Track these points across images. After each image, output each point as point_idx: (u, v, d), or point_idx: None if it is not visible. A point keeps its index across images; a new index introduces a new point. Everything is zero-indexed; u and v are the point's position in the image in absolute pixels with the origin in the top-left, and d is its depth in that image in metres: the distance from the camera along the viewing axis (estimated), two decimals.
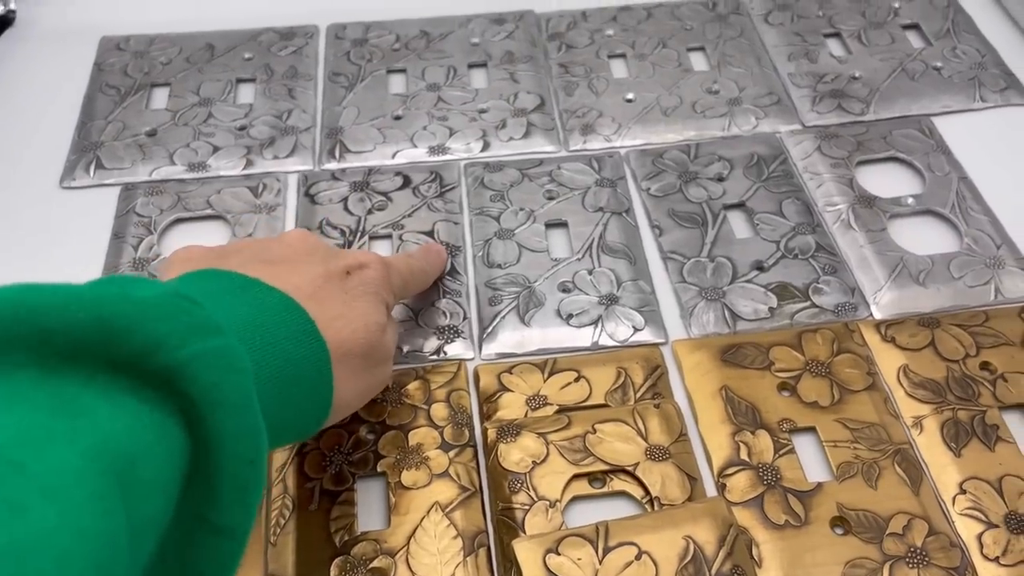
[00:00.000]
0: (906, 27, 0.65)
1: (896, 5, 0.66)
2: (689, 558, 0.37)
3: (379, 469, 0.42)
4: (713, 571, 0.37)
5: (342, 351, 0.35)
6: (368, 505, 0.41)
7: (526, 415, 0.44)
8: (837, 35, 0.65)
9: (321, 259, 0.38)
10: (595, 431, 0.43)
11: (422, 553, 0.39)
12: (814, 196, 0.54)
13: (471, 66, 0.64)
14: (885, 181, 0.55)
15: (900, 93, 0.60)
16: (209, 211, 0.54)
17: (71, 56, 0.65)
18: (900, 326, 0.47)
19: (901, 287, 0.49)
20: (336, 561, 0.39)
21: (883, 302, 0.49)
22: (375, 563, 0.39)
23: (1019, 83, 0.61)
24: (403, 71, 0.63)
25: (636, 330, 0.48)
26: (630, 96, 0.61)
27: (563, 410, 0.44)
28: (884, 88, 0.60)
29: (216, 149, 0.57)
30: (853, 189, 0.54)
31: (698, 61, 0.63)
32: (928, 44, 0.63)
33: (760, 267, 0.50)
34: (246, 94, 0.62)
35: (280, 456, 0.43)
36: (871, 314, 0.49)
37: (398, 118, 0.60)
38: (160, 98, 0.61)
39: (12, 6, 0.69)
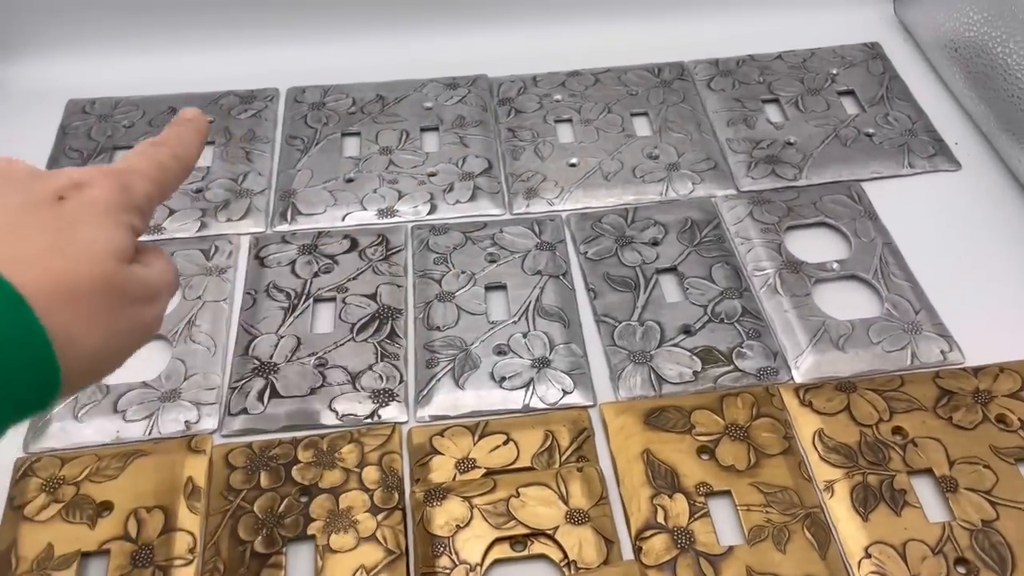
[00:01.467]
0: (842, 93, 0.68)
1: (834, 72, 0.69)
2: None
3: (309, 532, 0.44)
4: None
5: (61, 290, 0.28)
6: (296, 568, 0.43)
7: (454, 478, 0.46)
8: (776, 101, 0.67)
9: (20, 187, 0.30)
10: (519, 495, 0.45)
11: None
12: (744, 260, 0.56)
13: (423, 129, 0.66)
14: (813, 246, 0.57)
15: (832, 159, 0.62)
16: None
17: (38, 118, 0.67)
18: (818, 390, 0.49)
19: (821, 352, 0.51)
20: None
21: (803, 367, 0.51)
22: None
23: (948, 149, 0.63)
24: (357, 134, 0.66)
25: (566, 393, 0.50)
26: (574, 160, 0.63)
27: (490, 473, 0.46)
28: (817, 154, 0.63)
29: (172, 212, 0.60)
30: (781, 254, 0.56)
31: (641, 126, 0.66)
32: (862, 110, 0.66)
33: (687, 331, 0.52)
34: (204, 157, 0.64)
35: (213, 520, 0.44)
36: (792, 378, 0.50)
37: (350, 181, 0.62)
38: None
39: None
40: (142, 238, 0.33)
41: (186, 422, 0.48)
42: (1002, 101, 0.60)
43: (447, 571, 0.42)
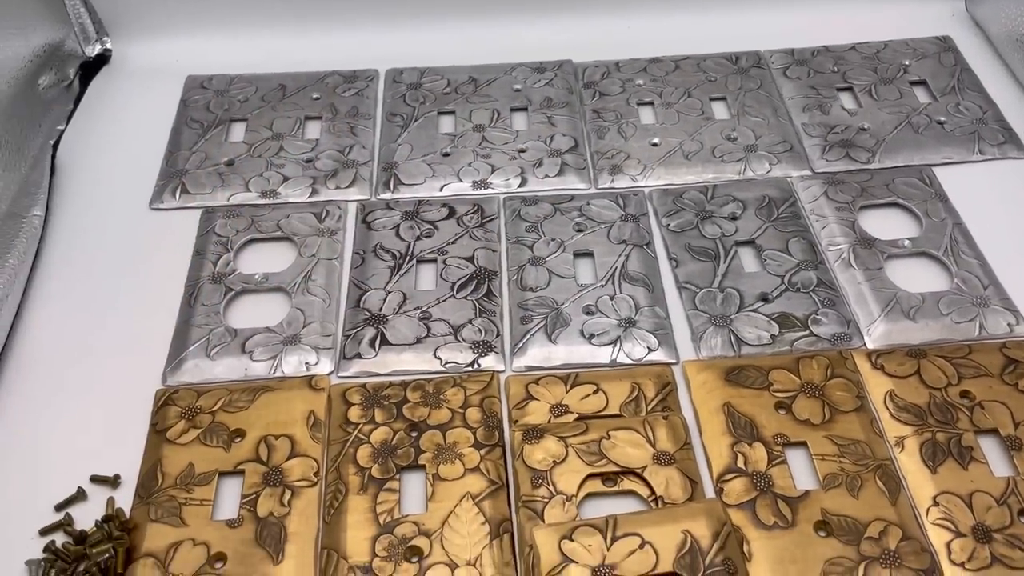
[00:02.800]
0: (914, 83, 0.70)
1: (906, 63, 0.72)
2: (686, 549, 0.43)
3: (420, 462, 0.48)
4: (706, 562, 0.43)
5: None
6: (409, 492, 0.48)
7: (549, 421, 0.50)
8: (849, 89, 0.70)
9: None
10: (609, 437, 0.49)
11: (454, 535, 0.46)
12: (819, 236, 0.60)
13: (513, 110, 0.71)
14: (885, 225, 0.60)
15: (904, 144, 0.65)
16: (278, 233, 0.61)
17: (160, 92, 0.73)
18: (890, 356, 0.53)
19: (893, 321, 0.54)
20: (380, 538, 0.45)
21: (875, 334, 0.54)
22: (413, 542, 0.45)
23: (1017, 138, 0.66)
24: (452, 113, 0.70)
25: (650, 350, 0.54)
26: (655, 140, 0.67)
27: (582, 418, 0.50)
28: (890, 139, 0.66)
29: (286, 179, 0.65)
30: (855, 231, 0.60)
31: (719, 110, 0.70)
32: (934, 99, 0.69)
33: (765, 298, 0.56)
34: (313, 130, 0.69)
35: (334, 449, 0.49)
36: (864, 344, 0.54)
37: (446, 155, 0.67)
38: (238, 132, 0.69)
39: (109, 46, 0.78)
40: (260, 201, 0.28)
41: (306, 363, 0.54)
42: None
43: (546, 500, 0.46)
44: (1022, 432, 0.49)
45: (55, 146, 0.67)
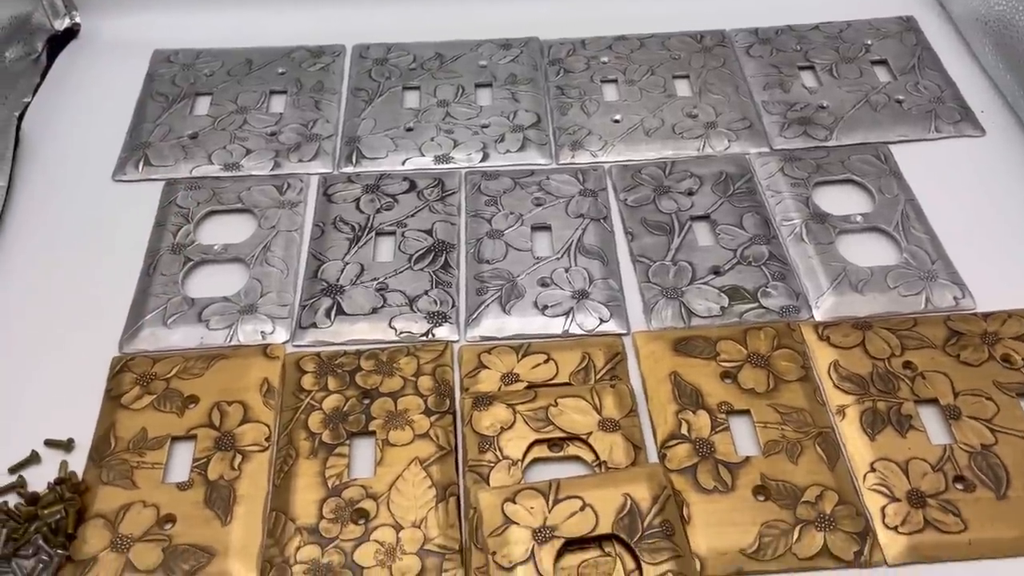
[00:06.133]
0: (875, 63, 0.71)
1: (868, 42, 0.73)
2: (626, 511, 0.44)
3: (371, 428, 0.49)
4: (645, 523, 0.44)
5: None
6: (359, 457, 0.48)
7: (499, 389, 0.51)
8: (811, 68, 0.71)
9: None
10: (557, 404, 0.50)
11: (401, 498, 0.46)
12: (773, 211, 0.61)
13: (478, 86, 0.71)
14: (839, 200, 0.61)
15: (862, 123, 0.66)
16: (239, 205, 0.62)
17: (127, 66, 0.73)
18: (836, 327, 0.54)
19: (841, 294, 0.55)
20: (328, 501, 0.46)
21: (824, 306, 0.55)
22: (360, 504, 0.46)
23: (973, 116, 0.66)
24: (417, 88, 0.71)
25: (602, 321, 0.55)
26: (617, 117, 0.68)
27: (532, 386, 0.51)
28: (848, 117, 0.66)
29: (248, 152, 0.65)
30: (808, 207, 0.60)
31: (682, 88, 0.70)
32: (893, 79, 0.69)
33: (717, 271, 0.57)
34: (278, 104, 0.70)
35: (286, 415, 0.50)
36: (812, 316, 0.55)
37: (410, 130, 0.67)
38: (203, 106, 0.70)
39: (77, 19, 0.78)
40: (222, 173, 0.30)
41: (262, 332, 0.54)
42: None
43: (492, 464, 0.47)
44: (961, 402, 0.50)
45: (20, 118, 0.67)
